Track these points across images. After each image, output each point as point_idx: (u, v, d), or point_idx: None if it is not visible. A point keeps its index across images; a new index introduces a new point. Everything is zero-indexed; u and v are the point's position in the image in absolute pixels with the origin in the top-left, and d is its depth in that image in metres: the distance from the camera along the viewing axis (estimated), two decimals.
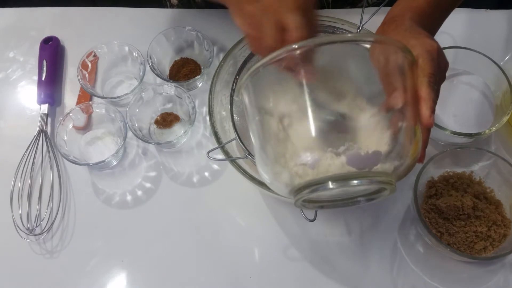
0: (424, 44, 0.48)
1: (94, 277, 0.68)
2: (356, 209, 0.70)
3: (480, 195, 0.68)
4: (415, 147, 0.45)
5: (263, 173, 0.48)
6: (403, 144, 0.44)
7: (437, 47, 0.49)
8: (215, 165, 0.74)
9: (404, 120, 0.45)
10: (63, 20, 0.87)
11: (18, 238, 0.69)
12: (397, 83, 0.45)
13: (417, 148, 0.46)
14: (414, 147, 0.45)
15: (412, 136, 0.45)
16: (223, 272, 0.68)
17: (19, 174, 0.72)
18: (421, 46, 0.48)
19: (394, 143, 0.44)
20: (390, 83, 0.46)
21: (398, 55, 0.46)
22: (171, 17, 0.86)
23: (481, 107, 0.73)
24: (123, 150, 0.75)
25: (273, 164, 0.46)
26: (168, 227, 0.71)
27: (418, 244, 0.68)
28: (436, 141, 0.74)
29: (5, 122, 0.79)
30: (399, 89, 0.45)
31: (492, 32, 0.84)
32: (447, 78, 0.74)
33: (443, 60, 0.51)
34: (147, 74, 0.77)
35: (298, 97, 0.45)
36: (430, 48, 0.48)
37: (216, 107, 0.65)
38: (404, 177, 0.48)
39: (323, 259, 0.68)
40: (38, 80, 0.79)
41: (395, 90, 0.45)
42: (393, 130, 0.44)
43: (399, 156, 0.44)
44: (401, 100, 0.45)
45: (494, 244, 0.65)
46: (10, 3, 0.92)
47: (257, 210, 0.71)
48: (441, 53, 0.50)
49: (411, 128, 0.45)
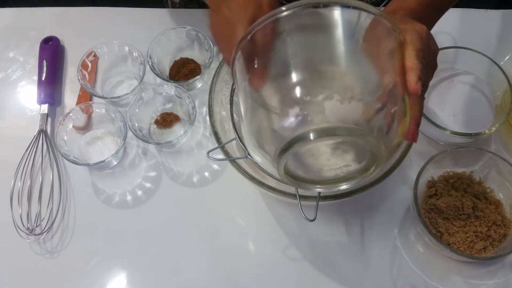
0: (414, 26, 0.49)
1: (94, 277, 0.68)
2: (356, 209, 0.70)
3: (480, 195, 0.68)
4: (402, 115, 0.45)
5: (248, 141, 0.48)
6: (389, 110, 0.44)
7: (426, 30, 0.49)
8: (215, 165, 0.74)
9: (392, 90, 0.44)
10: (63, 20, 0.87)
11: (18, 238, 0.69)
12: (385, 59, 0.46)
13: (406, 119, 0.45)
14: (401, 115, 0.44)
15: (400, 106, 0.44)
16: (223, 272, 0.68)
17: (19, 174, 0.72)
18: (411, 28, 0.48)
19: (379, 107, 0.43)
20: (380, 59, 0.46)
21: (390, 32, 0.46)
22: (171, 17, 0.86)
23: (481, 107, 0.73)
24: (123, 150, 0.75)
25: (257, 129, 0.46)
26: (168, 227, 0.71)
27: (418, 244, 0.68)
28: (436, 141, 0.74)
29: (5, 122, 0.79)
30: (388, 65, 0.45)
31: (492, 32, 0.84)
32: (447, 78, 0.75)
33: (433, 44, 0.50)
34: (147, 74, 0.77)
35: (284, 58, 0.45)
36: (420, 29, 0.48)
37: (216, 107, 0.65)
38: (393, 153, 0.47)
39: (323, 259, 0.68)
40: (38, 80, 0.79)
41: (384, 67, 0.45)
42: (379, 98, 0.44)
43: (384, 121, 0.43)
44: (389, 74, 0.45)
45: (494, 244, 0.65)
46: (10, 3, 0.92)
47: (257, 210, 0.71)
48: (431, 37, 0.50)
49: (398, 97, 0.45)
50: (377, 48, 0.46)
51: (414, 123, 0.46)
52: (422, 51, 0.46)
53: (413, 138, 0.47)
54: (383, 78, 0.45)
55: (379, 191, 0.71)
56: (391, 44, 0.47)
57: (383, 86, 0.45)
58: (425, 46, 0.47)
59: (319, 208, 0.56)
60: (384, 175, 0.58)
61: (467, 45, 0.74)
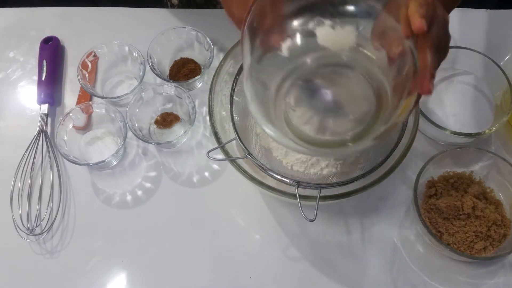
0: None
1: (94, 277, 0.68)
2: (356, 209, 0.70)
3: (480, 195, 0.68)
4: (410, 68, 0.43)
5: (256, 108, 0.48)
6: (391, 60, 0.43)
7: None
8: (215, 165, 0.74)
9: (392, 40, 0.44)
10: (63, 20, 0.87)
11: (18, 238, 0.69)
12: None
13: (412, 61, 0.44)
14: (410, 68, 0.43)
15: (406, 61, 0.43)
16: (223, 272, 0.68)
17: (19, 174, 0.72)
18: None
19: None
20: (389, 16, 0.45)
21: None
22: (171, 17, 0.85)
23: (481, 107, 0.73)
24: (123, 150, 0.75)
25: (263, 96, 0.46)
26: (168, 227, 0.71)
27: (418, 244, 0.68)
28: (436, 141, 0.74)
29: (5, 122, 0.79)
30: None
31: (492, 32, 0.83)
32: (447, 78, 0.75)
33: (440, 9, 0.46)
34: (147, 74, 0.77)
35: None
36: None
37: (216, 107, 0.65)
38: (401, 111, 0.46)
39: (323, 259, 0.68)
40: (38, 80, 0.79)
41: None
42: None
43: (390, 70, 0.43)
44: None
45: (494, 244, 0.65)
46: (10, 3, 0.92)
47: (257, 210, 0.71)
48: (439, 4, 0.45)
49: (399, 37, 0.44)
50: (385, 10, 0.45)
51: (424, 72, 0.43)
52: (425, 6, 0.43)
53: (424, 89, 0.43)
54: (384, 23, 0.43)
55: (379, 191, 0.71)
56: (399, 11, 0.44)
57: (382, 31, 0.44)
58: (429, 3, 0.44)
59: (319, 208, 0.56)
60: (384, 175, 0.58)
61: (467, 45, 0.74)
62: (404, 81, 0.44)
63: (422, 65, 0.44)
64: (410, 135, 0.60)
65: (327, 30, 0.42)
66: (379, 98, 0.44)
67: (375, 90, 0.43)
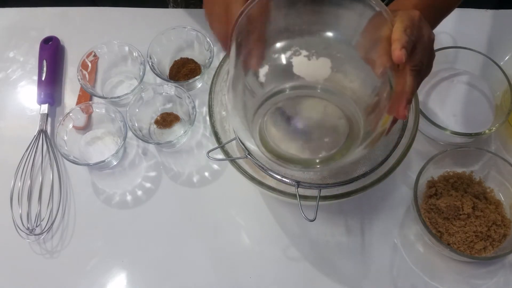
0: (406, 11, 0.47)
1: (94, 277, 0.68)
2: (356, 209, 0.70)
3: (480, 195, 0.68)
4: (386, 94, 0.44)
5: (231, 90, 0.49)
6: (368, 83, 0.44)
7: (419, 13, 0.47)
8: (215, 165, 0.74)
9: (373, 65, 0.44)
10: (63, 20, 0.87)
11: (18, 238, 0.69)
12: (373, 43, 0.45)
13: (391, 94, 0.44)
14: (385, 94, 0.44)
15: (382, 84, 0.44)
16: (223, 272, 0.68)
17: (19, 174, 0.72)
18: (403, 12, 0.46)
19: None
20: (369, 43, 0.45)
21: (382, 19, 0.46)
22: (171, 17, 0.86)
23: (481, 107, 0.73)
24: (123, 150, 0.75)
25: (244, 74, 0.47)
26: (168, 227, 0.71)
27: (418, 244, 0.68)
28: (436, 141, 0.74)
29: (5, 122, 0.79)
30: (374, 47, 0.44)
31: (492, 32, 0.84)
32: (447, 78, 0.75)
33: (426, 29, 0.47)
34: (147, 74, 0.77)
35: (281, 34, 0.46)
36: (411, 12, 0.46)
37: (216, 107, 0.65)
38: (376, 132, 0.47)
39: (323, 259, 0.68)
40: (38, 80, 0.79)
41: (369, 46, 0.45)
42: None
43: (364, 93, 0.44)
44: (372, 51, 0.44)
45: (494, 244, 0.65)
46: (10, 3, 0.92)
47: (257, 210, 0.71)
48: (424, 22, 0.47)
49: (382, 77, 0.44)
50: (366, 30, 0.46)
51: (399, 97, 0.44)
52: (410, 28, 0.44)
53: (399, 115, 0.44)
54: (367, 53, 0.44)
55: (379, 191, 0.71)
56: (382, 31, 0.45)
57: (366, 59, 0.44)
58: (415, 25, 0.45)
59: (319, 208, 0.56)
60: (384, 175, 0.58)
61: (467, 45, 0.74)
62: (381, 105, 0.45)
63: (400, 89, 0.45)
64: (410, 135, 0.60)
65: (302, 61, 0.43)
66: (351, 125, 0.45)
67: (347, 117, 0.44)
